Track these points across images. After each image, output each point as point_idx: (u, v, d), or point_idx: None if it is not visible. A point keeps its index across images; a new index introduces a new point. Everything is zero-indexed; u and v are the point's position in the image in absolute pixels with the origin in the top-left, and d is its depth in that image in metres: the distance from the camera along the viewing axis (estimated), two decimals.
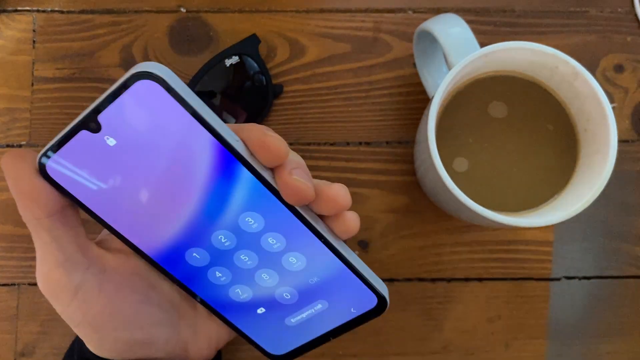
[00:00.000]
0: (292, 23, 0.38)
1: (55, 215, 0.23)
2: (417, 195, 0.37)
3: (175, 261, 0.25)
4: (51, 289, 0.23)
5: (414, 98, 0.37)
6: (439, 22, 0.31)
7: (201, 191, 0.23)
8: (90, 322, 0.24)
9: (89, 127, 0.22)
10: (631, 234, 0.37)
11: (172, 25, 0.37)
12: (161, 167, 0.22)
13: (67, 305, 0.24)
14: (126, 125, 0.22)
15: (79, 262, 0.23)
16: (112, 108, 0.21)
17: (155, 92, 0.21)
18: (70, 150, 0.22)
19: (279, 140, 0.22)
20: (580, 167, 0.31)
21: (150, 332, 0.25)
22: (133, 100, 0.21)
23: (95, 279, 0.24)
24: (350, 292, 0.26)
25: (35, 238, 0.23)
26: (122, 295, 0.25)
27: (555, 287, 0.37)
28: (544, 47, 0.29)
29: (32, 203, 0.22)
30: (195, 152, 0.22)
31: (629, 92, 0.38)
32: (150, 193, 0.23)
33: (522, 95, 0.32)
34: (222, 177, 0.23)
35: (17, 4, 0.38)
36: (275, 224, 0.24)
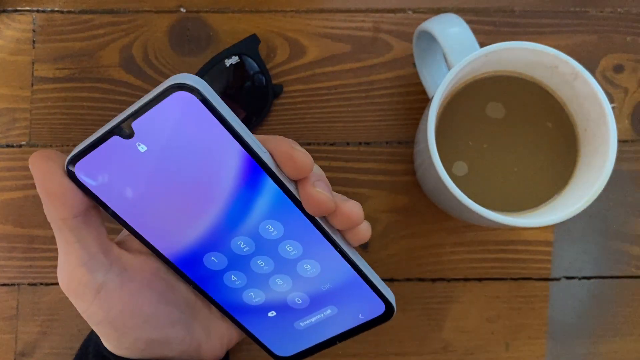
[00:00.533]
0: (292, 23, 0.38)
1: (80, 216, 0.23)
2: (417, 195, 0.37)
3: (193, 264, 0.26)
4: (74, 287, 0.24)
5: (413, 98, 0.37)
6: (438, 22, 0.31)
7: (225, 199, 0.24)
8: (112, 321, 0.24)
9: (122, 133, 0.22)
10: (631, 234, 0.37)
11: (172, 25, 0.37)
12: (188, 174, 0.23)
13: (89, 304, 0.24)
14: (158, 133, 0.22)
15: (101, 262, 0.24)
16: (146, 116, 0.22)
17: (190, 103, 0.21)
18: (100, 154, 0.23)
19: (305, 154, 0.23)
20: (580, 167, 0.31)
21: (167, 332, 0.26)
22: (168, 110, 0.21)
23: (118, 279, 0.24)
24: (359, 299, 0.27)
25: (59, 237, 0.24)
26: (143, 294, 0.25)
27: (555, 287, 0.37)
28: (544, 47, 0.29)
29: (59, 203, 0.23)
30: (223, 161, 0.23)
31: (629, 92, 0.38)
32: (175, 198, 0.24)
33: (521, 95, 0.32)
34: (247, 186, 0.23)
35: (17, 4, 0.38)
36: (293, 232, 0.25)
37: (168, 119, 0.22)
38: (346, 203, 0.24)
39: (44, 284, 0.36)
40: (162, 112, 0.22)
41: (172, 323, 0.26)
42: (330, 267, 0.26)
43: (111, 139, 0.22)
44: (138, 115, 0.22)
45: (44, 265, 0.36)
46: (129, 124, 0.22)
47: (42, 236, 0.36)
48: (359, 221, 0.25)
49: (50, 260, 0.36)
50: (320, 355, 0.36)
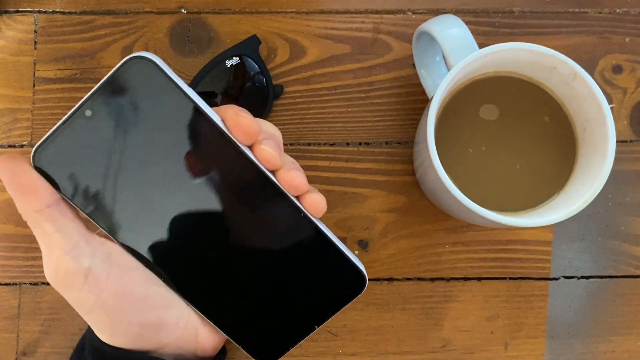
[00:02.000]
0: (292, 24, 0.38)
1: (54, 205, 0.24)
2: (416, 195, 0.37)
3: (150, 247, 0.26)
4: (61, 277, 0.24)
5: (413, 99, 0.38)
6: (438, 23, 0.31)
7: (185, 168, 0.24)
8: (103, 305, 0.24)
9: (83, 114, 0.23)
10: (629, 234, 0.37)
11: (173, 26, 0.38)
12: (149, 146, 0.24)
13: (79, 291, 0.24)
14: (118, 106, 0.23)
15: (85, 249, 0.24)
16: (105, 91, 0.23)
17: (145, 71, 0.23)
18: (64, 139, 0.23)
19: (250, 118, 0.24)
20: (579, 167, 0.31)
21: (161, 314, 0.26)
22: (124, 80, 0.22)
23: (103, 263, 0.24)
24: (332, 272, 0.27)
25: (38, 232, 0.24)
26: (131, 276, 0.25)
27: (554, 286, 0.37)
28: (543, 48, 0.29)
29: (31, 195, 0.23)
30: (180, 127, 0.24)
31: (628, 92, 0.38)
32: (139, 171, 0.24)
33: (520, 95, 0.32)
34: (205, 151, 0.24)
35: (18, 4, 0.38)
36: (256, 201, 0.25)
37: (126, 90, 0.23)
38: (291, 168, 0.25)
39: (45, 284, 0.36)
40: (120, 84, 0.23)
41: (165, 305, 0.26)
42: (299, 236, 0.26)
43: (73, 122, 0.23)
44: (97, 92, 0.23)
45: None
46: (89, 104, 0.23)
47: None
48: (301, 184, 0.25)
49: None
50: (319, 354, 0.36)
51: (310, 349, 0.36)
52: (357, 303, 0.36)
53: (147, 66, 0.23)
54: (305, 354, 0.36)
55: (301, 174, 0.26)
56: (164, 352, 0.27)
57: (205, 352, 0.28)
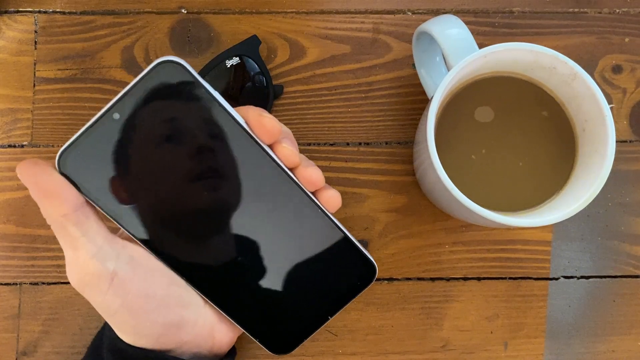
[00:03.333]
0: (292, 24, 0.38)
1: (80, 209, 0.24)
2: (416, 195, 0.37)
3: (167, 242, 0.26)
4: (87, 281, 0.24)
5: (413, 99, 0.38)
6: (437, 23, 0.31)
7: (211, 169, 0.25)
8: (128, 307, 0.25)
9: (111, 117, 0.23)
10: (629, 234, 0.37)
11: (173, 26, 0.38)
12: (176, 148, 0.24)
13: (105, 294, 0.24)
14: (145, 108, 0.23)
15: (109, 252, 0.24)
16: (132, 94, 0.23)
17: (174, 74, 0.23)
18: (89, 143, 0.23)
19: (273, 118, 0.25)
20: (579, 167, 0.31)
21: (181, 313, 0.27)
22: (153, 83, 0.23)
23: (127, 266, 0.25)
24: (344, 263, 0.28)
25: (63, 236, 0.24)
26: (154, 278, 0.26)
27: (554, 286, 0.37)
28: (543, 48, 0.29)
29: (57, 200, 0.23)
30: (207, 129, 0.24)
31: (627, 92, 0.38)
32: (164, 175, 0.25)
33: (520, 96, 0.32)
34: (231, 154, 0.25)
35: (18, 4, 0.38)
36: (276, 197, 0.26)
37: (154, 95, 0.23)
38: (308, 165, 0.27)
39: (45, 283, 0.36)
40: (148, 87, 0.23)
41: (184, 305, 0.27)
42: (315, 230, 0.27)
43: (100, 126, 0.23)
44: (125, 95, 0.23)
45: (46, 265, 0.36)
46: (117, 108, 0.23)
47: (44, 236, 0.36)
48: (318, 180, 0.26)
49: (52, 260, 0.36)
50: (319, 354, 0.36)
51: (310, 349, 0.36)
52: (357, 303, 0.36)
53: (176, 70, 0.23)
54: (305, 354, 0.36)
55: (318, 171, 0.27)
56: (183, 350, 0.27)
57: (221, 348, 0.29)
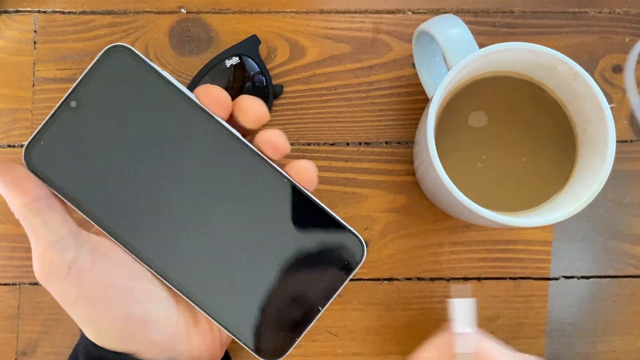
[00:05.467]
0: (292, 24, 0.38)
1: (42, 199, 0.24)
2: (416, 195, 0.37)
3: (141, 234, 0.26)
4: (46, 270, 0.24)
5: (413, 98, 0.38)
6: (438, 23, 0.31)
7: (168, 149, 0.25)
8: (87, 296, 0.24)
9: (68, 107, 0.24)
10: (629, 234, 0.37)
11: (173, 26, 0.38)
12: (135, 131, 0.25)
13: (62, 283, 0.24)
14: (101, 96, 0.24)
15: (70, 243, 0.24)
16: (87, 83, 0.24)
17: (125, 59, 0.24)
18: (53, 134, 0.24)
19: (218, 88, 0.25)
20: (579, 167, 0.31)
21: (147, 308, 0.25)
22: (105, 69, 0.24)
23: (89, 256, 0.25)
24: (328, 241, 0.25)
25: (27, 227, 0.24)
26: (117, 269, 0.25)
27: (554, 286, 0.37)
28: (543, 48, 0.29)
29: (18, 190, 0.24)
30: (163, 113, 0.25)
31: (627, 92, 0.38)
32: (125, 158, 0.25)
33: (520, 95, 0.32)
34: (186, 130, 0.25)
35: (18, 4, 0.38)
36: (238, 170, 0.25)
37: (107, 80, 0.24)
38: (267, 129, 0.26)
39: None
40: (101, 73, 0.24)
41: (152, 299, 0.26)
42: (290, 209, 0.25)
43: (60, 116, 0.24)
44: (80, 84, 0.24)
45: None
46: (74, 97, 0.24)
47: None
48: (280, 142, 0.25)
49: None
50: (319, 355, 0.36)
51: (310, 349, 0.36)
52: (357, 303, 0.36)
53: (125, 54, 0.24)
54: (305, 354, 0.36)
55: (280, 133, 0.26)
56: (154, 352, 0.26)
57: (201, 355, 0.27)
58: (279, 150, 0.26)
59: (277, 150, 0.26)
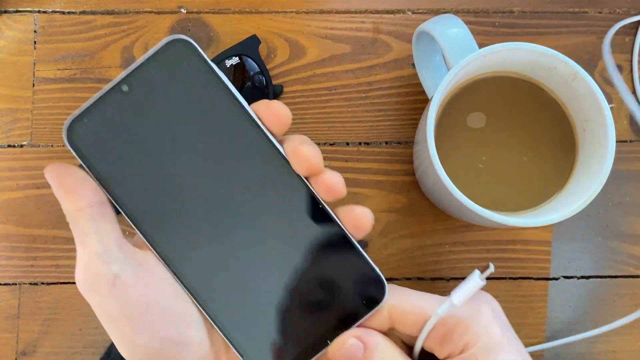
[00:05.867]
0: (292, 24, 0.38)
1: (96, 205, 0.24)
2: (416, 195, 0.37)
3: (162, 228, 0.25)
4: (89, 281, 0.24)
5: (413, 98, 0.38)
6: (437, 23, 0.31)
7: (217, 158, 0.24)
8: (127, 314, 0.24)
9: (121, 90, 0.23)
10: (629, 234, 0.37)
11: (173, 26, 0.38)
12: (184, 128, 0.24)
13: (105, 295, 0.24)
14: (155, 86, 0.23)
15: (116, 255, 0.24)
16: (142, 70, 0.23)
17: (185, 54, 0.23)
18: (100, 114, 0.23)
19: (286, 108, 0.24)
20: (579, 167, 0.31)
21: (184, 331, 0.25)
22: (164, 61, 0.23)
23: (133, 271, 0.24)
24: (351, 275, 0.25)
25: (77, 231, 0.24)
26: (159, 287, 0.25)
27: (554, 286, 0.37)
28: (543, 48, 0.29)
29: (75, 194, 0.23)
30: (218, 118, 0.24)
31: (628, 92, 0.38)
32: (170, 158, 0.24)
33: (520, 95, 0.32)
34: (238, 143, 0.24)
35: (18, 4, 0.38)
36: (285, 199, 0.24)
37: (163, 71, 0.23)
38: (328, 170, 0.25)
39: (45, 284, 0.36)
40: (158, 64, 0.23)
41: (189, 322, 0.25)
42: (322, 237, 0.24)
43: (110, 98, 0.23)
44: (135, 71, 0.23)
45: (45, 265, 0.36)
46: (127, 81, 0.23)
47: (44, 236, 0.36)
48: (339, 188, 0.24)
49: (51, 260, 0.36)
50: None
51: None
52: None
53: (186, 48, 0.23)
54: None
55: (338, 175, 0.25)
56: None
57: None
58: (335, 194, 0.25)
59: (332, 194, 0.25)
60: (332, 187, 0.25)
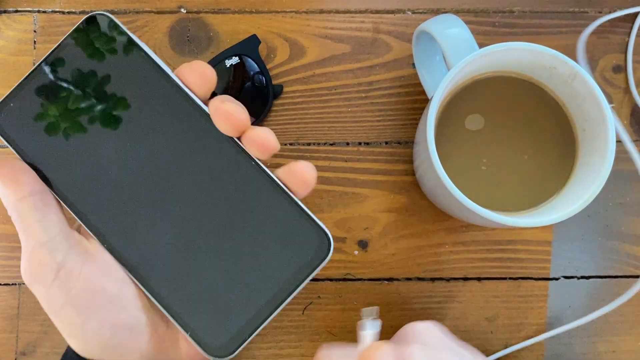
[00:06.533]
0: (292, 24, 0.38)
1: (38, 194, 0.23)
2: (416, 195, 0.37)
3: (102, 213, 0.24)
4: (33, 269, 0.23)
5: (413, 98, 0.38)
6: (438, 23, 0.31)
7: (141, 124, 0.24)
8: (73, 302, 0.23)
9: (42, 69, 0.24)
10: (629, 234, 0.37)
11: (173, 26, 0.38)
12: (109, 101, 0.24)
13: (49, 286, 0.23)
14: (77, 61, 0.24)
15: (61, 244, 0.23)
16: (61, 49, 0.24)
17: (105, 27, 0.24)
18: (22, 97, 0.24)
19: (207, 65, 0.24)
20: (579, 167, 0.31)
21: (136, 315, 0.24)
22: (80, 38, 0.24)
23: (78, 259, 0.24)
24: (289, 231, 0.24)
25: (19, 222, 0.23)
26: (106, 274, 0.24)
27: (554, 286, 0.37)
28: (543, 48, 0.29)
29: (14, 183, 0.23)
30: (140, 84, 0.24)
31: (628, 92, 0.38)
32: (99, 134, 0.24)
33: (520, 95, 0.32)
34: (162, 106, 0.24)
35: (18, 4, 0.38)
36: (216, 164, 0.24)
37: (84, 47, 0.24)
38: (257, 127, 0.24)
39: None
40: (80, 40, 0.24)
41: (140, 306, 0.25)
42: (256, 194, 0.24)
43: (34, 79, 0.24)
44: (56, 50, 0.24)
45: None
46: (48, 60, 0.24)
47: None
48: (270, 143, 0.23)
49: None
50: None
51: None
52: (357, 303, 0.36)
53: (106, 23, 0.24)
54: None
55: (268, 131, 0.24)
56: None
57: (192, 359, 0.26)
58: (267, 150, 0.24)
59: (264, 150, 0.24)
60: (263, 143, 0.23)
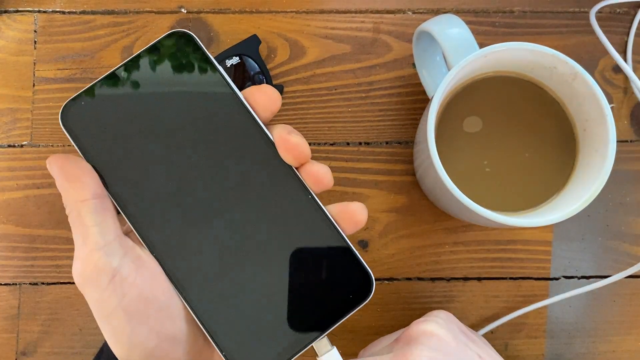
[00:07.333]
0: (292, 24, 0.38)
1: (99, 198, 0.24)
2: (416, 195, 0.37)
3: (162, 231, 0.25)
4: (88, 273, 0.23)
5: (413, 98, 0.38)
6: (438, 23, 0.31)
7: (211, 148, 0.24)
8: (125, 308, 0.24)
9: (117, 76, 0.24)
10: (629, 234, 0.37)
11: (173, 26, 0.38)
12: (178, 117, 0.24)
13: (103, 289, 0.23)
14: (151, 74, 0.24)
15: (117, 249, 0.24)
16: (140, 59, 0.24)
17: (185, 44, 0.24)
18: (94, 100, 0.24)
19: (274, 89, 0.25)
20: (579, 167, 0.31)
21: (180, 326, 0.25)
22: (160, 52, 0.24)
23: (132, 265, 0.24)
24: (341, 274, 0.24)
25: (77, 224, 0.24)
26: (157, 282, 0.25)
27: (554, 286, 0.37)
28: (543, 48, 0.29)
29: (79, 185, 0.23)
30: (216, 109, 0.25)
31: (628, 92, 0.38)
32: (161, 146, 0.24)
33: (521, 95, 0.32)
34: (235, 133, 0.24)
35: (18, 4, 0.38)
36: (274, 188, 0.24)
37: (162, 60, 0.24)
38: (315, 161, 0.25)
39: (45, 284, 0.36)
40: (158, 55, 0.24)
41: (186, 318, 0.25)
42: (312, 232, 0.24)
43: (107, 83, 0.24)
44: (134, 60, 0.24)
45: (45, 265, 0.36)
46: (125, 68, 0.24)
47: (44, 236, 0.36)
48: (327, 179, 0.24)
49: (51, 260, 0.36)
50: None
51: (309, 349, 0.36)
52: None
53: (186, 40, 0.24)
54: (304, 354, 0.36)
55: (325, 167, 0.25)
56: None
57: None
58: (322, 185, 0.25)
59: (319, 185, 0.25)
60: (320, 178, 0.24)
